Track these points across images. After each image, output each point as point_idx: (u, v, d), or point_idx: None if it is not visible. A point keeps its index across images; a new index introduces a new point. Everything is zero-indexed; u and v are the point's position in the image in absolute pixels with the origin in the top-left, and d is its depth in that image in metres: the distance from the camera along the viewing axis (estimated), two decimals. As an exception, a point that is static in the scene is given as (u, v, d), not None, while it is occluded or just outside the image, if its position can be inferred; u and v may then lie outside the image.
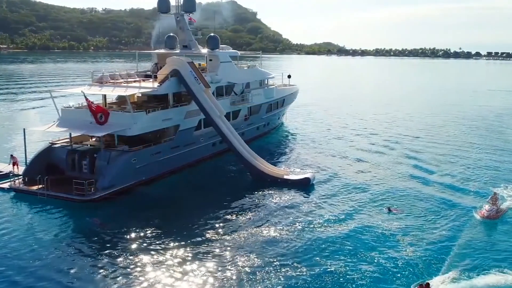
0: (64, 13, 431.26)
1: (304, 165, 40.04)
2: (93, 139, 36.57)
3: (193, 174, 37.42)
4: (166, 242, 24.50)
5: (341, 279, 21.08)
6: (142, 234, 25.49)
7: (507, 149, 48.43)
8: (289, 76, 60.60)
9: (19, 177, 32.88)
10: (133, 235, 25.35)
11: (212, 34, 44.78)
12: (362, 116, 69.40)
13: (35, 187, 31.04)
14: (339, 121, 64.46)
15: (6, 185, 32.16)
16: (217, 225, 26.97)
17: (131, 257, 22.81)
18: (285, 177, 35.12)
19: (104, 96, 37.75)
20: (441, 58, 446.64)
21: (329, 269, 21.88)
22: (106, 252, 23.44)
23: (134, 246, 24.07)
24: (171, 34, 46.08)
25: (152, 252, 23.40)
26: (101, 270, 21.68)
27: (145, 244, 24.25)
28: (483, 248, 24.55)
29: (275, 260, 22.65)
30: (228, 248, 23.99)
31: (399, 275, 21.48)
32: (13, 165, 35.18)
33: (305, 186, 34.01)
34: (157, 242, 24.45)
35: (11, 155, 35.70)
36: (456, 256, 23.27)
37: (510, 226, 27.73)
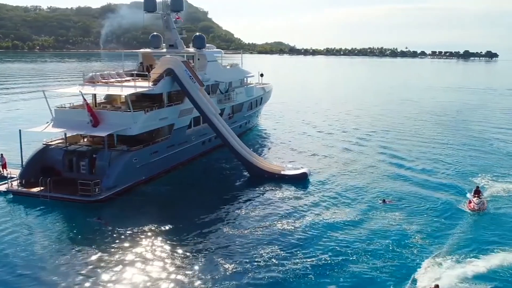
0: (6, 11, 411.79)
1: (291, 161, 40.86)
2: (85, 139, 36.09)
3: (188, 172, 37.63)
4: (174, 240, 24.57)
5: (349, 274, 21.53)
6: (149, 233, 25.50)
7: (474, 141, 51.27)
8: (261, 75, 61.33)
9: (14, 179, 31.93)
10: (139, 234, 25.29)
11: (198, 34, 44.99)
12: (327, 114, 71.48)
13: (34, 189, 30.39)
14: (310, 120, 65.53)
15: (3, 188, 31.17)
16: (223, 222, 27.33)
17: (141, 257, 22.78)
18: (282, 172, 35.98)
19: (94, 96, 37.28)
20: (389, 57, 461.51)
21: (339, 264, 22.30)
22: (116, 253, 23.27)
23: (141, 246, 23.93)
24: (155, 33, 45.89)
25: (162, 251, 23.52)
26: (117, 268, 21.64)
27: (154, 243, 24.29)
28: (483, 239, 25.54)
29: (281, 257, 22.83)
30: (236, 246, 24.18)
31: (401, 269, 21.98)
32: (3, 167, 34.20)
33: (302, 180, 35.01)
34: (166, 242, 24.49)
35: (1, 155, 34.62)
36: (458, 250, 23.96)
37: (499, 216, 29.06)
